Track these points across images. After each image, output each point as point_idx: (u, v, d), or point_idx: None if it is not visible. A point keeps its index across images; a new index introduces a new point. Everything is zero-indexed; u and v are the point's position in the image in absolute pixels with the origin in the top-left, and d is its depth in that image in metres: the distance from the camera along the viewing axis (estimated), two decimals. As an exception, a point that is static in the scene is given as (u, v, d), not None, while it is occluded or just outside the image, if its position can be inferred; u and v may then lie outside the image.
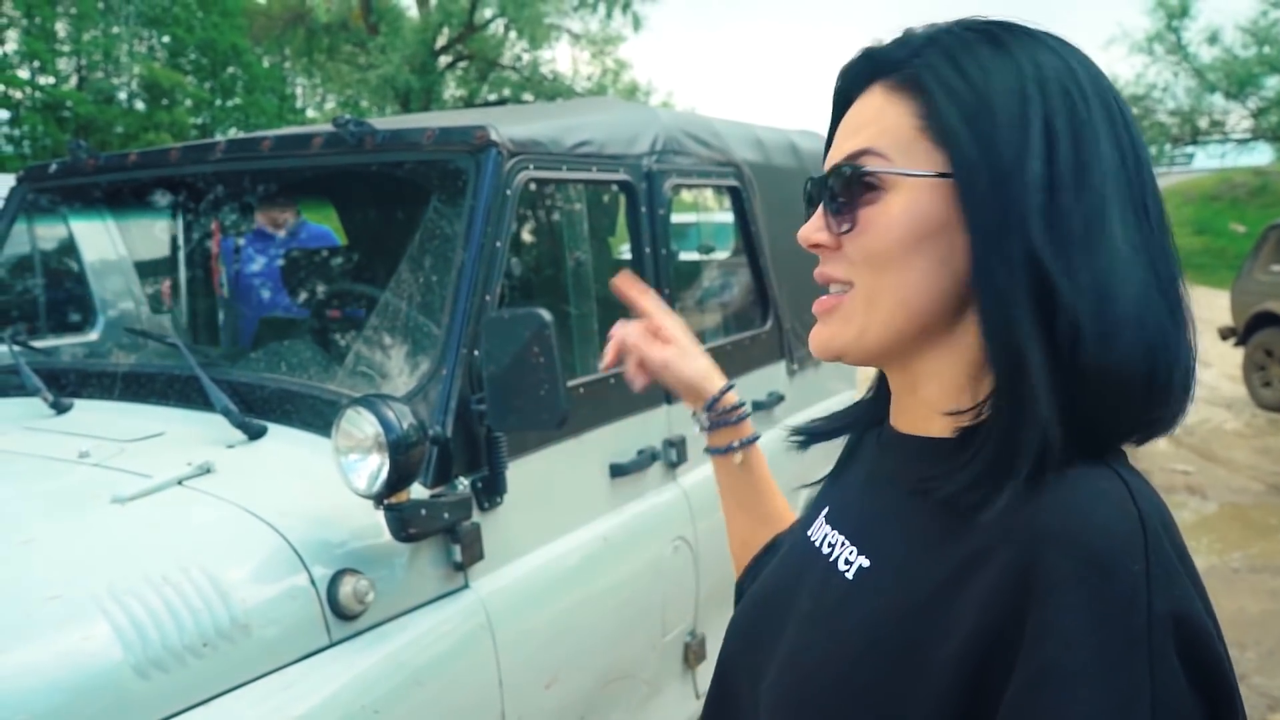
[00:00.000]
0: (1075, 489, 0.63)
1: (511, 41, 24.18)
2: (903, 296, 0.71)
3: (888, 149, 0.71)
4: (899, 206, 0.70)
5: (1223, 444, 7.09)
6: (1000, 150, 0.67)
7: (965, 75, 0.69)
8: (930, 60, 0.71)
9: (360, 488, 1.63)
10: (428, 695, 1.70)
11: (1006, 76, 0.68)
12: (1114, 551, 0.59)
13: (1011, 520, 0.63)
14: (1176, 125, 24.45)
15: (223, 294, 3.23)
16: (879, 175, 0.71)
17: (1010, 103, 0.67)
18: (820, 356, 0.78)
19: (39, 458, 1.88)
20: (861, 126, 0.74)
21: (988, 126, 0.67)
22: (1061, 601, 0.59)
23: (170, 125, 23.01)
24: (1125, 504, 0.62)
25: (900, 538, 0.73)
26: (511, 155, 2.03)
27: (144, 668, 1.37)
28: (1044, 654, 0.59)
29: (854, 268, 0.74)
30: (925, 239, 0.70)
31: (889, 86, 0.73)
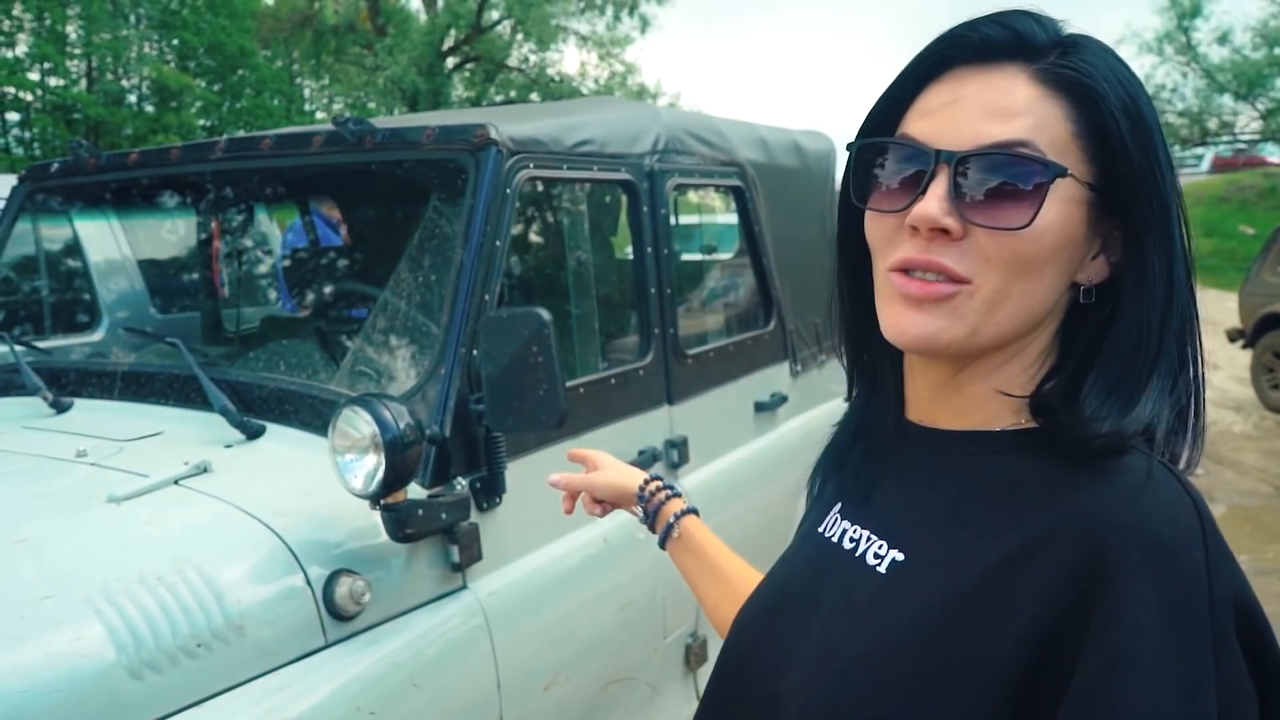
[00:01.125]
0: (1135, 478, 0.65)
1: (519, 43, 24.20)
2: (1029, 302, 0.71)
3: (1046, 148, 0.68)
4: (1054, 213, 0.68)
5: (1231, 446, 7.04)
6: (1158, 166, 0.70)
7: (1128, 91, 0.70)
8: (1088, 64, 0.70)
9: (357, 488, 1.62)
10: (425, 697, 1.68)
11: (1142, 95, 0.71)
12: (1178, 539, 0.62)
13: (1074, 507, 0.65)
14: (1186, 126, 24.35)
15: (224, 293, 3.23)
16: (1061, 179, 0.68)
17: (1151, 121, 0.70)
18: (914, 348, 0.74)
19: (37, 457, 1.88)
20: (1013, 114, 0.69)
21: (1148, 145, 0.69)
22: (1131, 588, 0.61)
23: (178, 127, 23.07)
24: (1181, 494, 0.65)
25: (939, 529, 0.73)
26: (511, 154, 2.02)
27: (137, 668, 1.36)
28: (1116, 640, 0.60)
29: (985, 266, 0.69)
30: (1066, 247, 0.70)
31: (1041, 78, 0.70)
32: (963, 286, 0.70)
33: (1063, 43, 0.71)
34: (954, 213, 0.69)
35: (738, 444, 2.87)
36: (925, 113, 0.73)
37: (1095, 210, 0.71)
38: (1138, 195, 0.69)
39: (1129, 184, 0.69)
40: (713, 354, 2.76)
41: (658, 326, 2.48)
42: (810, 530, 0.87)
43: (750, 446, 2.91)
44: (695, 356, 2.65)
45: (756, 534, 2.87)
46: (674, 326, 2.53)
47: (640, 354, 2.46)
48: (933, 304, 0.70)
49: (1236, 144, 24.94)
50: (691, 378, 2.61)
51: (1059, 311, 0.74)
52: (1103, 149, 0.69)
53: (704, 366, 2.69)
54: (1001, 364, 0.75)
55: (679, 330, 2.56)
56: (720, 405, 2.78)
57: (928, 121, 0.72)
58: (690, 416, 2.59)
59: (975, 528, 0.70)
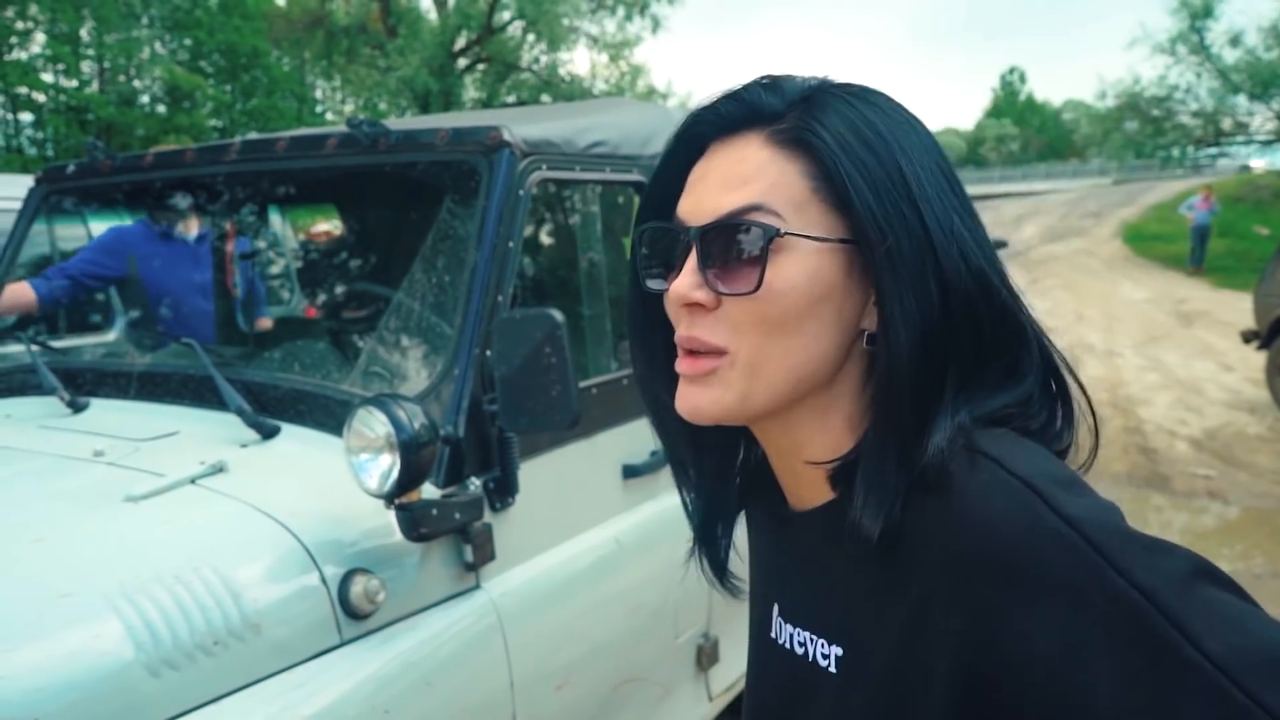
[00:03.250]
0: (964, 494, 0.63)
1: (530, 44, 24.26)
2: (792, 361, 0.70)
3: (781, 206, 0.69)
4: (797, 269, 0.68)
5: (1245, 448, 7.00)
6: (905, 212, 0.68)
7: (859, 135, 0.69)
8: (818, 117, 0.70)
9: (372, 487, 1.63)
10: (439, 696, 1.69)
11: (895, 139, 0.70)
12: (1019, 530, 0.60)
13: (931, 553, 0.64)
14: (1199, 127, 24.24)
15: (236, 294, 3.25)
16: (778, 238, 0.68)
17: (905, 165, 0.69)
18: (696, 421, 0.74)
19: (54, 456, 1.89)
20: (745, 180, 0.70)
21: (890, 189, 0.68)
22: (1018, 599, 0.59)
23: (190, 127, 23.20)
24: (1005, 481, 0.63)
25: (858, 612, 0.72)
26: (524, 156, 2.03)
27: (155, 666, 1.37)
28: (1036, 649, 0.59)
29: (736, 333, 0.70)
30: (819, 302, 0.69)
31: (773, 140, 0.71)
32: (723, 358, 0.71)
33: (801, 102, 0.71)
34: (702, 284, 0.70)
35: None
36: (687, 191, 0.75)
37: (859, 259, 0.69)
38: (872, 243, 0.67)
39: (863, 233, 0.68)
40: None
41: (670, 327, 2.48)
42: (763, 636, 0.85)
43: (762, 447, 2.91)
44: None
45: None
46: (686, 327, 2.53)
47: (652, 355, 2.46)
48: (702, 378, 0.72)
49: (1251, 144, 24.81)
50: (703, 379, 2.61)
51: (857, 361, 0.73)
52: (842, 200, 0.68)
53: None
54: (819, 427, 0.74)
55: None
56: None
57: (687, 199, 0.74)
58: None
59: (878, 601, 0.69)
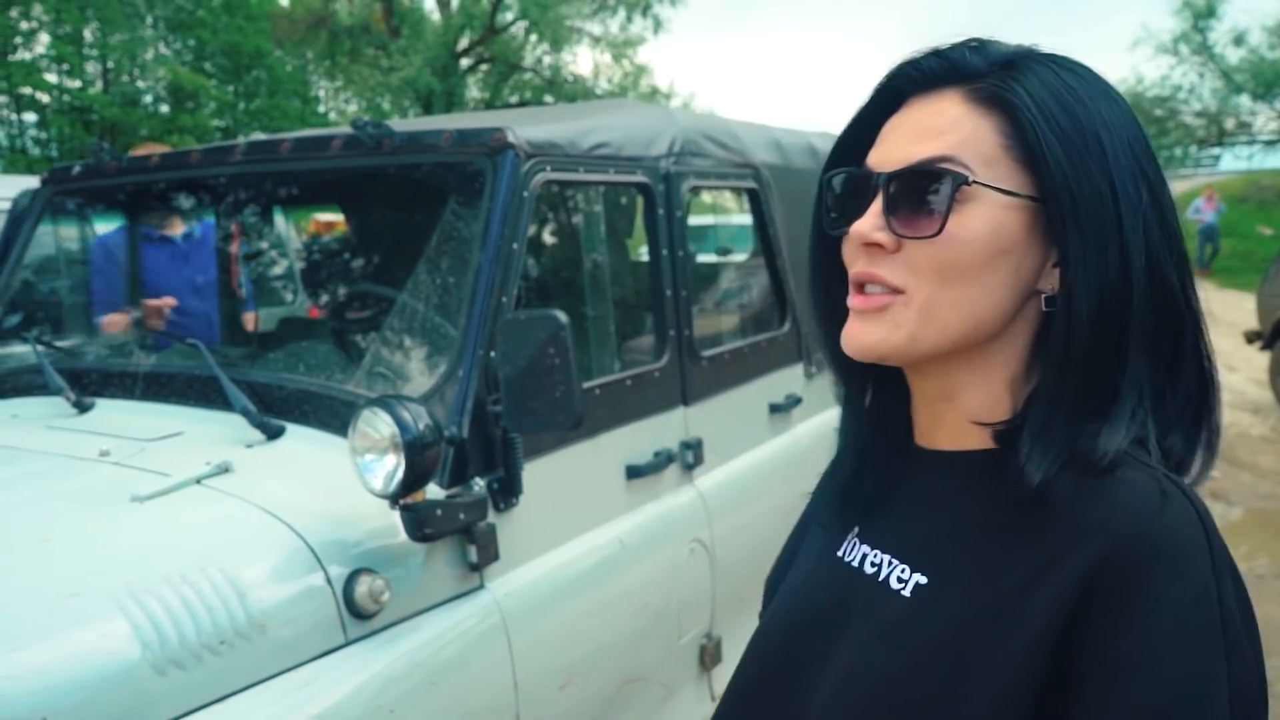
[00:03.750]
0: (1142, 491, 0.66)
1: (533, 44, 24.26)
2: (966, 310, 0.73)
3: (971, 160, 0.71)
4: (980, 220, 0.71)
5: (1248, 449, 7.00)
6: (1096, 178, 0.70)
7: (1060, 101, 0.71)
8: (1020, 79, 0.72)
9: (376, 488, 1.63)
10: (443, 695, 1.70)
11: (1098, 110, 0.72)
12: (1185, 550, 0.64)
13: (1082, 522, 0.66)
14: (1203, 127, 24.21)
15: (241, 294, 3.26)
16: (965, 186, 0.71)
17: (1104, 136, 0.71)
18: (859, 357, 0.76)
19: (61, 456, 1.90)
20: (941, 131, 0.73)
21: (1084, 155, 0.70)
22: (1140, 597, 0.62)
23: (194, 128, 23.22)
24: (1187, 506, 0.66)
25: (959, 552, 0.74)
26: (529, 157, 2.04)
27: (162, 665, 1.38)
28: (1126, 647, 0.62)
29: (915, 275, 0.73)
30: (999, 256, 0.72)
31: (971, 97, 0.73)
32: (898, 296, 0.73)
33: (1003, 64, 0.74)
34: (885, 227, 0.73)
35: (752, 445, 2.87)
36: (879, 142, 0.78)
37: (1044, 219, 0.72)
38: (1061, 203, 0.70)
39: (1054, 192, 0.70)
40: (728, 356, 2.77)
41: (673, 328, 2.49)
42: (828, 553, 0.87)
43: (765, 448, 2.92)
44: (710, 358, 2.65)
45: (771, 536, 2.87)
46: (689, 328, 2.54)
47: (656, 355, 2.47)
48: (874, 314, 0.74)
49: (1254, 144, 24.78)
50: (707, 379, 2.62)
51: (1029, 323, 0.75)
52: (1034, 159, 0.71)
53: (719, 368, 2.70)
54: (979, 379, 0.76)
55: (694, 332, 2.57)
56: (735, 407, 2.79)
57: (879, 149, 0.77)
58: (705, 418, 2.60)
59: (993, 547, 0.71)
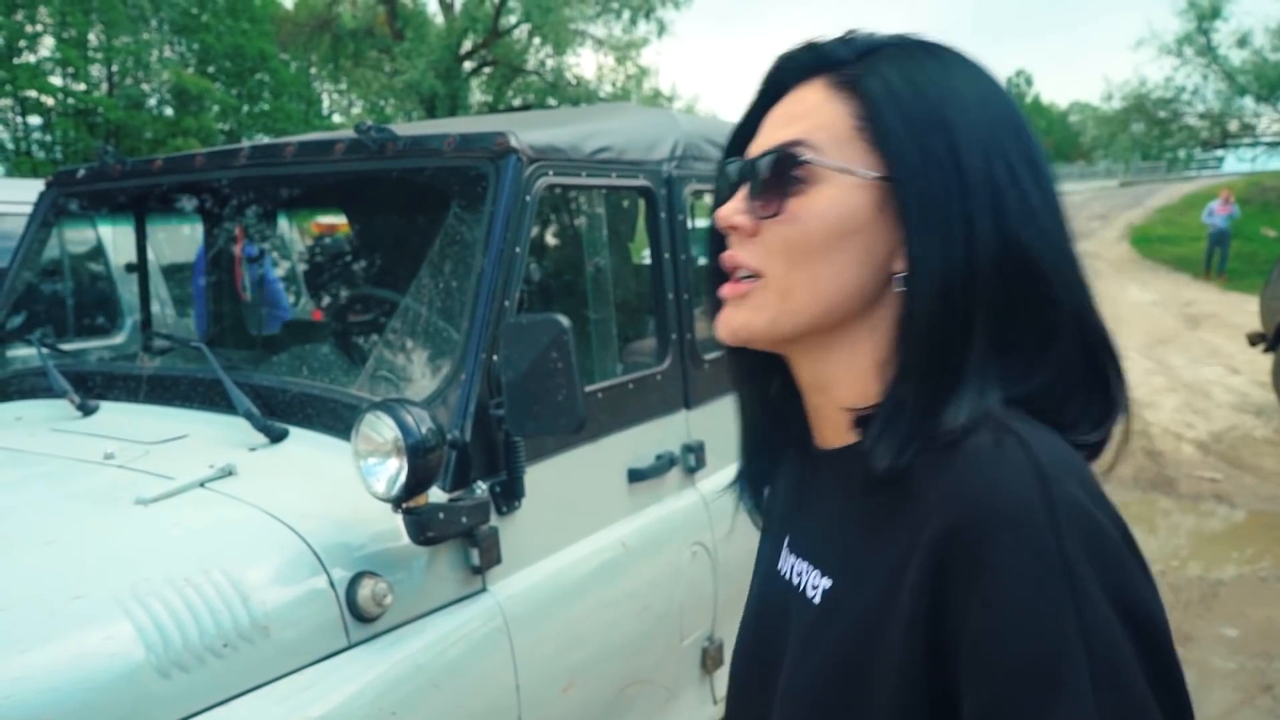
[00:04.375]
0: (975, 457, 0.65)
1: (536, 47, 24.28)
2: (818, 291, 0.73)
3: (824, 143, 0.73)
4: (827, 200, 0.72)
5: (1251, 451, 6.99)
6: (941, 156, 0.70)
7: (911, 82, 0.72)
8: (877, 65, 0.74)
9: (379, 491, 1.64)
10: (445, 698, 1.70)
11: (950, 89, 0.72)
12: (1016, 506, 0.62)
13: (931, 500, 0.66)
14: (1206, 129, 24.19)
15: (245, 298, 3.27)
16: (811, 167, 0.72)
17: (952, 114, 0.71)
18: (728, 342, 0.78)
19: (65, 459, 1.91)
20: (798, 117, 0.75)
21: (928, 133, 0.70)
22: (979, 567, 0.62)
23: (198, 131, 23.27)
24: (1019, 459, 0.64)
25: (850, 550, 0.74)
26: (531, 161, 2.04)
27: (165, 668, 1.39)
28: (974, 622, 0.62)
29: (769, 257, 0.74)
30: (848, 235, 0.72)
31: (831, 83, 0.75)
32: (759, 280, 0.75)
33: (867, 52, 0.75)
34: (744, 210, 0.75)
35: (754, 448, 2.87)
36: (759, 132, 0.79)
37: (895, 199, 0.71)
38: (903, 182, 0.70)
39: (897, 171, 0.70)
40: (730, 359, 2.77)
41: (675, 332, 2.49)
42: (770, 570, 0.87)
43: (767, 451, 2.92)
44: (713, 362, 2.66)
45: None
46: (691, 332, 2.55)
47: (658, 359, 2.48)
48: (738, 299, 0.76)
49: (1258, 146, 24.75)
50: (709, 383, 2.63)
51: (890, 304, 0.73)
52: (882, 140, 0.71)
53: (721, 372, 2.69)
54: (841, 367, 0.76)
55: (696, 335, 2.58)
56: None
57: (756, 139, 0.79)
58: (707, 421, 2.60)
59: (869, 540, 0.72)
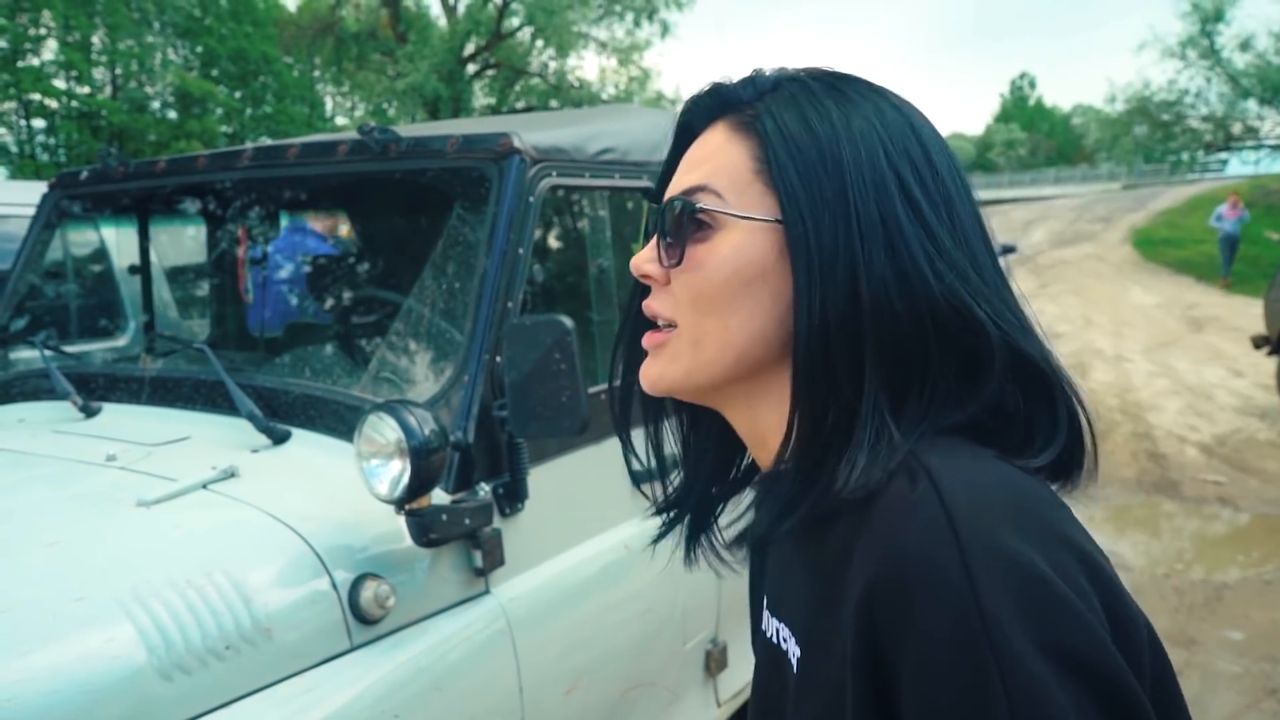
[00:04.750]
0: (887, 511, 0.61)
1: (539, 49, 24.31)
2: (728, 338, 0.71)
3: (723, 188, 0.71)
4: (728, 247, 0.70)
5: (1256, 454, 6.97)
6: (830, 198, 0.67)
7: (805, 122, 0.69)
8: (772, 105, 0.71)
9: (382, 493, 1.63)
10: (448, 700, 1.70)
11: (846, 127, 0.69)
12: (928, 566, 0.57)
13: (854, 563, 0.62)
14: (1209, 131, 24.17)
15: (248, 299, 3.26)
16: (711, 213, 0.71)
17: (846, 153, 0.67)
18: (651, 392, 0.76)
19: (67, 461, 1.91)
20: (700, 162, 0.73)
21: (820, 174, 0.67)
22: (903, 632, 0.57)
23: (201, 133, 23.33)
24: (929, 509, 0.59)
25: (810, 615, 0.70)
26: (534, 163, 2.04)
27: (167, 670, 1.38)
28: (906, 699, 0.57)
29: (679, 306, 0.73)
30: (752, 281, 0.69)
31: (732, 125, 0.73)
32: (673, 331, 0.74)
33: (770, 91, 0.73)
34: (655, 259, 0.74)
35: (758, 450, 2.87)
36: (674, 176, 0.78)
37: None
38: (789, 225, 0.68)
39: (791, 213, 0.68)
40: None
41: (678, 333, 2.48)
42: (758, 630, 0.84)
43: (770, 453, 2.91)
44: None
45: (776, 540, 2.87)
46: (695, 333, 2.54)
47: (661, 360, 2.47)
48: (656, 349, 0.75)
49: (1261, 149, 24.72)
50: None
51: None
52: (775, 181, 0.69)
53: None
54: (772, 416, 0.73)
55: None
56: (740, 412, 2.78)
57: (671, 184, 0.77)
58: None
59: (825, 606, 0.67)
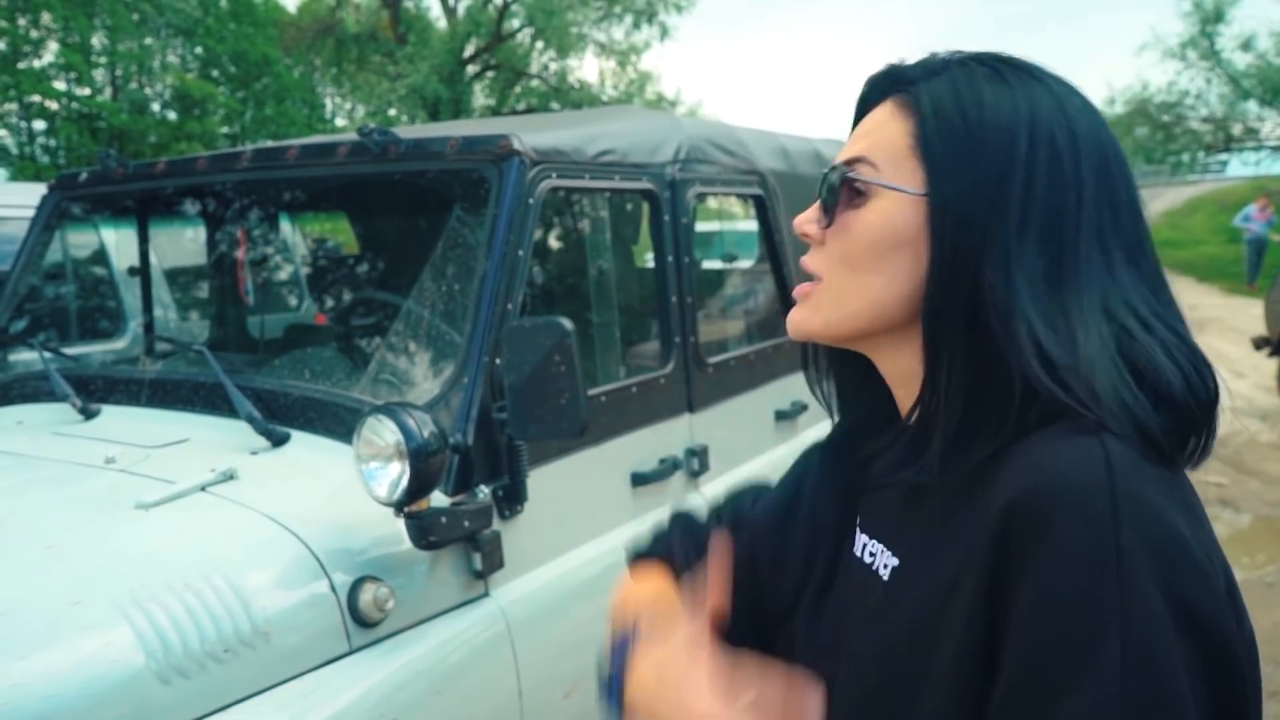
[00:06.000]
0: (1046, 446, 0.67)
1: (539, 51, 24.31)
2: (869, 297, 0.78)
3: (880, 160, 0.77)
4: (876, 214, 0.76)
5: (1256, 456, 6.96)
6: (973, 180, 0.72)
7: (958, 104, 0.74)
8: (933, 86, 0.77)
9: (381, 495, 1.63)
10: (447, 703, 1.69)
11: (998, 112, 0.73)
12: (1078, 491, 0.63)
13: (998, 487, 0.67)
14: (1210, 132, 24.17)
15: (248, 301, 3.26)
16: (865, 183, 0.77)
17: (995, 138, 0.72)
18: (793, 337, 0.84)
19: (66, 463, 1.90)
20: (864, 135, 0.80)
21: (967, 156, 0.72)
22: (1036, 542, 0.63)
23: (201, 135, 23.31)
24: (1092, 451, 0.64)
25: (923, 529, 0.76)
26: (534, 164, 2.04)
27: (166, 674, 1.38)
28: (1023, 592, 0.63)
29: (829, 263, 0.80)
30: (894, 248, 0.75)
31: (897, 103, 0.79)
32: (819, 284, 0.81)
33: (934, 72, 0.78)
34: (814, 220, 0.81)
35: (758, 452, 2.87)
36: None
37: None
38: (932, 199, 0.73)
39: (934, 190, 0.73)
40: (733, 362, 2.76)
41: (679, 335, 2.48)
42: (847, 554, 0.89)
43: (771, 455, 2.91)
44: (716, 365, 2.65)
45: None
46: (695, 335, 2.54)
47: (661, 362, 2.47)
48: (802, 299, 0.83)
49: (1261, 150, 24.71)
50: (712, 386, 2.62)
51: None
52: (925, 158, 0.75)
53: (725, 375, 2.70)
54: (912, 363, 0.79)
55: (700, 338, 2.57)
56: (741, 413, 2.78)
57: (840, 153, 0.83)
58: (711, 425, 2.59)
59: (939, 519, 0.74)
